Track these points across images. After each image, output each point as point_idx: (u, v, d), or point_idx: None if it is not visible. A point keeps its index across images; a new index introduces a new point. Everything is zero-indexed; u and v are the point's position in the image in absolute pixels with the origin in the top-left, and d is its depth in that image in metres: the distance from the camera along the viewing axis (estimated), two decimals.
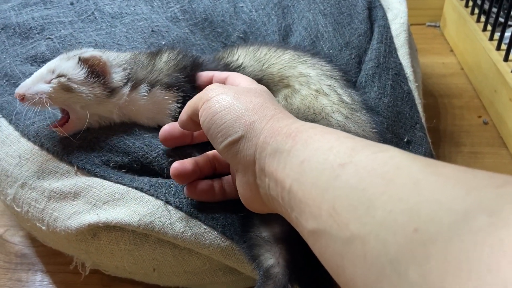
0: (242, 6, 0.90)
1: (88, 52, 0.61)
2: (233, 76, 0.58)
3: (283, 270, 0.49)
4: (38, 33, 0.78)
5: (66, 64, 0.60)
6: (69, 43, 0.77)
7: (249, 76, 0.62)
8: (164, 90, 0.62)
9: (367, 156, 0.33)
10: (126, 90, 0.61)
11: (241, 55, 0.69)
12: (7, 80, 0.72)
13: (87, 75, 0.60)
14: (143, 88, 0.62)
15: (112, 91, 0.61)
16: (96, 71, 0.60)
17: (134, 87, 0.62)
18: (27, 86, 0.58)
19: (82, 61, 0.60)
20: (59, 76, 0.59)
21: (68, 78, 0.59)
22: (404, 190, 0.28)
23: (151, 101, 0.63)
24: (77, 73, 0.59)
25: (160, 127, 0.64)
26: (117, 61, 0.63)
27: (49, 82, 0.58)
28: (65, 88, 0.58)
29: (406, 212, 0.27)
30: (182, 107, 0.60)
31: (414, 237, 0.25)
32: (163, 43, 0.83)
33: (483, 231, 0.22)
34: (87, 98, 0.59)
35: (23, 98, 0.57)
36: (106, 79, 0.60)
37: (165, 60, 0.65)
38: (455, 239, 0.23)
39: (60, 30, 0.79)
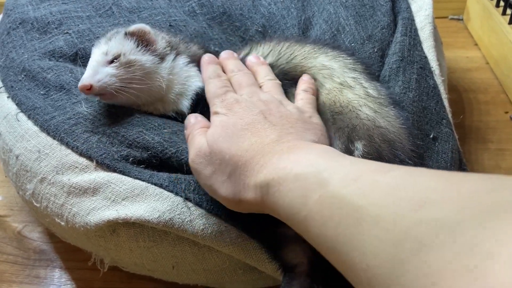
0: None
1: (132, 26, 0.64)
2: None
3: (307, 270, 0.48)
4: (56, 28, 0.78)
5: (115, 43, 0.62)
6: (87, 37, 0.76)
7: (271, 67, 0.62)
8: (196, 67, 0.65)
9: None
10: (171, 57, 0.64)
11: (264, 48, 0.68)
12: (25, 75, 0.71)
13: (138, 46, 0.62)
14: (184, 59, 0.65)
15: (162, 57, 0.63)
16: (143, 40, 0.63)
17: (177, 55, 0.65)
18: (89, 75, 0.58)
19: (129, 34, 0.62)
20: (116, 56, 0.60)
21: (124, 54, 0.60)
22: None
23: (186, 74, 0.65)
24: (129, 46, 0.62)
25: (175, 116, 0.65)
26: (154, 31, 0.66)
27: (109, 65, 0.60)
28: (128, 63, 0.60)
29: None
30: (199, 93, 0.63)
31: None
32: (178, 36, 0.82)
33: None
34: (146, 65, 0.61)
35: (90, 89, 0.57)
36: (154, 47, 0.63)
37: (197, 47, 0.70)
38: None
39: (78, 25, 0.78)
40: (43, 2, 0.83)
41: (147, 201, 0.55)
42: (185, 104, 0.64)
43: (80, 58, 0.73)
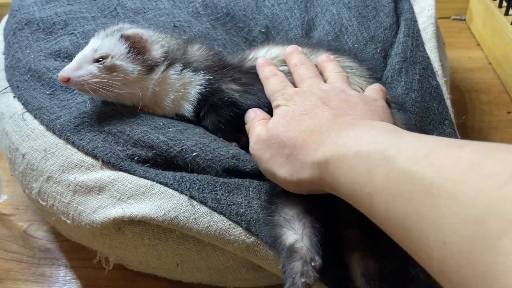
0: (264, 0, 0.89)
1: (130, 30, 0.63)
2: None
3: (308, 244, 0.49)
4: (61, 29, 0.79)
5: (108, 42, 0.61)
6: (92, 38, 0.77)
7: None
8: (192, 72, 0.64)
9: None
10: (163, 67, 0.63)
11: (271, 51, 0.69)
12: (31, 75, 0.72)
13: (129, 52, 0.61)
14: (177, 67, 0.64)
15: (151, 68, 0.62)
16: (137, 47, 0.62)
17: (169, 65, 0.64)
18: (71, 68, 0.58)
19: (125, 38, 0.61)
20: (103, 56, 0.60)
21: (112, 57, 0.60)
22: None
23: (180, 82, 0.64)
24: (120, 50, 0.61)
25: (178, 117, 0.65)
26: (155, 38, 0.64)
27: (94, 63, 0.59)
28: (112, 67, 0.59)
29: None
30: (203, 94, 0.63)
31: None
32: (185, 38, 0.83)
33: None
34: (131, 75, 0.60)
35: (68, 81, 0.58)
36: (146, 56, 0.62)
37: (197, 47, 0.67)
38: None
39: (83, 26, 0.79)
40: (49, 3, 0.84)
41: (153, 200, 0.56)
42: (188, 108, 0.64)
43: None
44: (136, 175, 0.58)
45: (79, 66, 0.59)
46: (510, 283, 0.24)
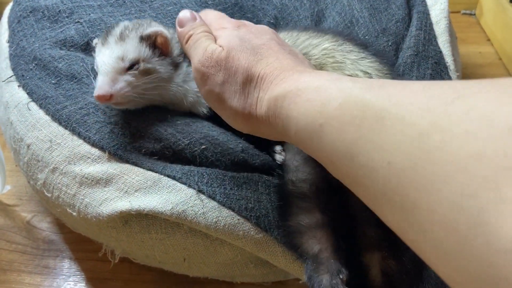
0: None
1: (148, 29, 0.58)
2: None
3: (333, 255, 0.48)
4: (67, 17, 0.77)
5: (131, 47, 0.57)
6: (98, 27, 0.75)
7: None
8: None
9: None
10: (185, 64, 0.60)
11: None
12: (36, 64, 0.71)
13: (153, 52, 0.58)
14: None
15: (176, 66, 0.60)
16: (159, 47, 0.58)
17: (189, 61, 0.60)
18: (108, 83, 0.54)
19: (144, 39, 0.58)
20: (133, 62, 0.56)
21: (143, 61, 0.56)
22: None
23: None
24: (145, 53, 0.57)
25: (192, 113, 0.63)
26: (173, 35, 0.61)
27: (126, 72, 0.55)
28: (146, 71, 0.56)
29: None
30: None
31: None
32: None
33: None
34: (163, 76, 0.57)
35: (111, 97, 0.54)
36: (171, 55, 0.59)
37: None
38: None
39: (89, 14, 0.77)
40: None
41: (160, 193, 0.55)
42: (203, 111, 0.62)
43: (92, 48, 0.72)
44: (143, 168, 0.57)
45: (116, 79, 0.55)
46: (450, 192, 0.24)
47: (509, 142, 0.23)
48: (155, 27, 0.59)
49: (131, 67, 0.56)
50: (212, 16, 0.55)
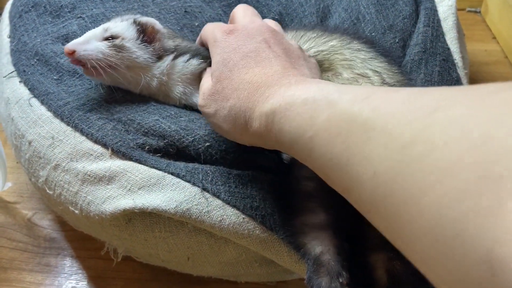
0: None
1: (144, 17, 0.61)
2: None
3: (334, 257, 0.47)
4: (69, 12, 0.76)
5: (120, 25, 0.60)
6: (100, 22, 0.74)
7: None
8: (200, 60, 0.62)
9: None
10: (170, 58, 0.62)
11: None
12: (38, 59, 0.70)
13: (138, 38, 0.60)
14: (185, 57, 0.62)
15: (160, 56, 0.61)
16: (147, 35, 0.61)
17: (177, 56, 0.62)
18: (79, 43, 0.57)
19: (137, 24, 0.61)
20: (113, 35, 0.59)
21: (122, 38, 0.59)
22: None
23: (188, 70, 0.62)
24: (131, 34, 0.60)
25: (187, 108, 0.63)
26: (165, 31, 0.64)
27: (103, 40, 0.58)
28: (118, 47, 0.58)
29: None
30: None
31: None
32: (196, 24, 0.80)
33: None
34: (137, 60, 0.59)
35: (73, 54, 0.56)
36: (155, 46, 0.61)
37: None
38: None
39: (92, 9, 0.76)
40: None
41: (164, 191, 0.54)
42: (193, 97, 0.62)
43: None
44: (147, 165, 0.56)
45: (87, 41, 0.58)
46: (430, 202, 0.25)
47: (486, 152, 0.23)
48: (151, 19, 0.62)
49: (108, 39, 0.59)
50: (208, 28, 0.56)
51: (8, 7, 0.81)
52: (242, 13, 0.56)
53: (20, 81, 0.68)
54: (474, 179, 0.23)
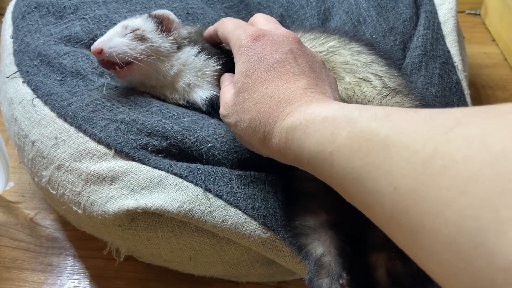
0: None
1: (158, 10, 0.65)
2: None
3: (335, 259, 0.48)
4: (72, 13, 0.76)
5: (138, 20, 0.64)
6: (103, 23, 0.75)
7: None
8: (207, 56, 0.63)
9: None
10: (189, 48, 0.64)
11: None
12: (41, 60, 0.70)
13: (157, 29, 0.63)
14: (195, 49, 0.64)
15: (179, 46, 0.64)
16: (165, 27, 0.64)
17: (192, 46, 0.64)
18: (104, 41, 0.59)
19: (152, 16, 0.64)
20: (133, 30, 0.61)
21: (143, 30, 0.62)
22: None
23: (196, 64, 0.63)
24: (149, 26, 0.63)
25: (190, 105, 0.63)
26: (179, 21, 0.67)
27: (124, 36, 0.61)
28: (140, 37, 0.61)
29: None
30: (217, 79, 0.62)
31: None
32: (198, 25, 0.81)
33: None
34: (159, 49, 0.61)
35: (101, 52, 0.58)
36: (174, 34, 0.64)
37: None
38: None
39: (95, 10, 0.77)
40: None
41: (167, 191, 0.54)
42: (202, 95, 0.63)
43: None
44: (150, 166, 0.56)
45: (111, 39, 0.60)
46: (452, 214, 0.26)
47: (505, 165, 0.25)
48: (165, 10, 0.65)
49: (130, 33, 0.61)
50: (229, 27, 0.55)
51: (10, 8, 0.81)
52: (265, 19, 0.55)
53: (23, 82, 0.68)
54: (494, 191, 0.24)
